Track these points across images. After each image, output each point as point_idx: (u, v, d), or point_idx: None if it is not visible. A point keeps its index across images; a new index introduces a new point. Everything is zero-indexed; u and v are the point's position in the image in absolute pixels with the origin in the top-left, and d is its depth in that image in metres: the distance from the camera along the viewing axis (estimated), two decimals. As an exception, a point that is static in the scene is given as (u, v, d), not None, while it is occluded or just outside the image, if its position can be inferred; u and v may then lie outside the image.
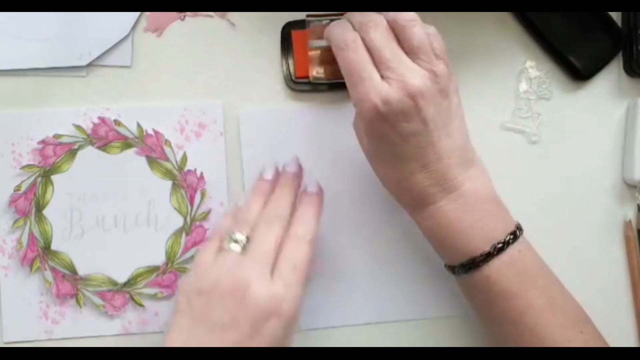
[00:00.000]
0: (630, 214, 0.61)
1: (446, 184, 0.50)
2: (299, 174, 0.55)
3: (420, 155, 0.49)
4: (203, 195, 0.60)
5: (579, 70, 0.60)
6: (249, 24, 0.60)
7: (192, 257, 0.59)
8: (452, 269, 0.52)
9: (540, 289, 0.50)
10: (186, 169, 0.60)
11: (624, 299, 0.61)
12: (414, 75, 0.47)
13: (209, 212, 0.60)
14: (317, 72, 0.56)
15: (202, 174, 0.60)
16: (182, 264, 0.59)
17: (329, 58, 0.54)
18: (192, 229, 0.60)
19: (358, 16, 0.50)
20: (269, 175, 0.55)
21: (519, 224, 0.52)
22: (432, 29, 0.49)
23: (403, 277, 0.60)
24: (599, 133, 0.61)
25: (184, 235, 0.60)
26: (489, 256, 0.50)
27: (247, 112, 0.60)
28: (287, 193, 0.53)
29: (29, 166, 0.59)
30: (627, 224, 0.61)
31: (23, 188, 0.59)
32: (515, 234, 0.51)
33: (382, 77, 0.48)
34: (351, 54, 0.48)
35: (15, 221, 0.59)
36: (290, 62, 0.59)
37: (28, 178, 0.59)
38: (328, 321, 0.60)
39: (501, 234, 0.50)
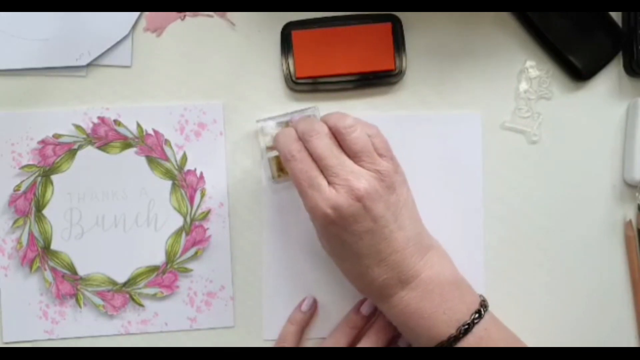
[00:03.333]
0: (630, 214, 0.61)
1: (404, 275, 0.51)
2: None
3: (376, 251, 0.51)
4: (203, 195, 0.60)
5: (579, 70, 0.60)
6: (249, 24, 0.60)
7: (192, 257, 0.59)
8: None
9: None
10: (186, 168, 0.60)
11: (624, 299, 0.61)
12: (359, 178, 0.49)
13: (208, 211, 0.60)
14: (279, 174, 0.57)
15: (202, 173, 0.60)
16: (182, 264, 0.59)
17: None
18: (191, 229, 0.60)
19: (301, 125, 0.52)
20: (366, 311, 0.58)
21: (483, 301, 0.53)
22: (373, 130, 0.51)
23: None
24: (599, 133, 0.61)
25: (183, 235, 0.59)
26: (456, 339, 0.50)
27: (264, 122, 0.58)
28: (379, 343, 0.56)
29: (28, 166, 0.59)
30: (627, 224, 0.61)
31: (23, 188, 0.59)
32: (480, 312, 0.52)
33: (329, 182, 0.50)
34: (298, 165, 0.50)
35: (15, 221, 0.59)
36: (291, 62, 0.59)
37: (28, 178, 0.59)
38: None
39: (465, 315, 0.51)
